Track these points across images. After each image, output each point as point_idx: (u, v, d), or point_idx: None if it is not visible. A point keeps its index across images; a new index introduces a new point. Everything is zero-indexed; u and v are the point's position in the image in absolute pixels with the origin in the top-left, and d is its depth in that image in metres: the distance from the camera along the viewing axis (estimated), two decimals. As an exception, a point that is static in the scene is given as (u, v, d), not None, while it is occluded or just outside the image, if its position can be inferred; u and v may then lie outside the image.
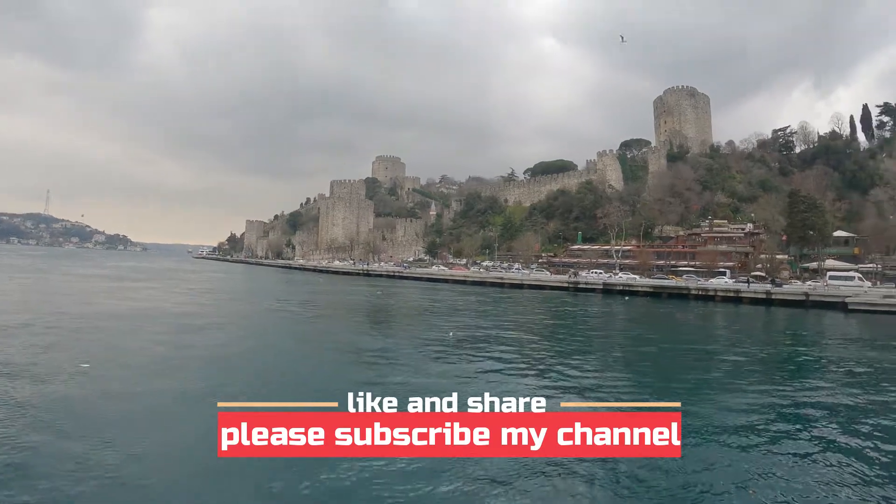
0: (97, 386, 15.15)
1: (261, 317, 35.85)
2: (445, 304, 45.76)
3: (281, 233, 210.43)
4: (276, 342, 24.63)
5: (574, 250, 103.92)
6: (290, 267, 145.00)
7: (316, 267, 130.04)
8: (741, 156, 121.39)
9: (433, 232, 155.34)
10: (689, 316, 42.90)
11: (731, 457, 11.37)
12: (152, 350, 20.43)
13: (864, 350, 26.32)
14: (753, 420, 13.81)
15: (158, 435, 11.73)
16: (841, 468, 10.77)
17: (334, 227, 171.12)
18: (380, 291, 60.09)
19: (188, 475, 9.80)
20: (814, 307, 47.08)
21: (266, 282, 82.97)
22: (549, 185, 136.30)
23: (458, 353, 21.41)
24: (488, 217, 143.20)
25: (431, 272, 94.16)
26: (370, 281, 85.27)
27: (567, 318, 40.06)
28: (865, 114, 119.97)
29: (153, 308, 35.39)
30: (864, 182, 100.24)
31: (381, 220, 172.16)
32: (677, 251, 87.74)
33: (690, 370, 20.68)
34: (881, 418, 14.19)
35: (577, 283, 67.28)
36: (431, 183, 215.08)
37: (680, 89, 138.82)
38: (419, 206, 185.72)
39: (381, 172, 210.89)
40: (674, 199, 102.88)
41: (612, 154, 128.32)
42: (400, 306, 45.60)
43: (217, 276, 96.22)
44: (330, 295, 57.24)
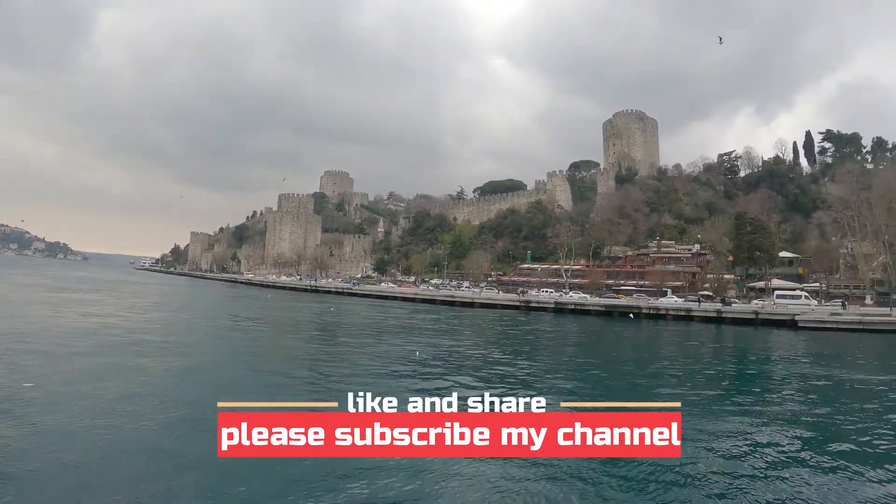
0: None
1: (217, 336, 32.90)
2: (400, 323, 44.04)
3: (226, 246, 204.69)
4: (236, 365, 22.04)
5: (523, 269, 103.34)
6: (235, 281, 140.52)
7: (263, 282, 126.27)
8: (688, 179, 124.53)
9: (381, 249, 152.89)
10: (643, 334, 42.99)
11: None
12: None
13: (820, 365, 27.20)
14: (745, 427, 14.21)
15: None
16: (826, 471, 11.13)
17: (281, 242, 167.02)
18: (332, 308, 57.94)
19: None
20: (763, 325, 47.35)
21: (213, 296, 79.97)
22: (499, 204, 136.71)
23: (427, 372, 20.85)
24: (437, 235, 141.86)
25: (381, 289, 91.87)
26: (319, 297, 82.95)
27: (526, 336, 39.16)
28: (808, 140, 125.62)
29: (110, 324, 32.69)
30: (806, 205, 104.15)
31: (329, 235, 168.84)
32: (626, 271, 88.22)
33: (669, 386, 20.42)
34: (858, 424, 14.97)
35: (528, 302, 66.04)
36: (380, 199, 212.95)
37: (629, 113, 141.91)
38: (367, 223, 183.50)
39: (329, 187, 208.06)
40: (622, 220, 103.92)
41: (562, 175, 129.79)
42: (355, 324, 43.18)
43: (163, 289, 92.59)
44: (282, 312, 54.61)
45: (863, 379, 22.78)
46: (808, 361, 28.43)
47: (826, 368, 25.43)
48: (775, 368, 26.59)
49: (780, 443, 13.03)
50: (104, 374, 17.47)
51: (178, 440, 11.63)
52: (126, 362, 19.81)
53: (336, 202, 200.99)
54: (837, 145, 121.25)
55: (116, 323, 33.58)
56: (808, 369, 25.43)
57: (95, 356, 20.82)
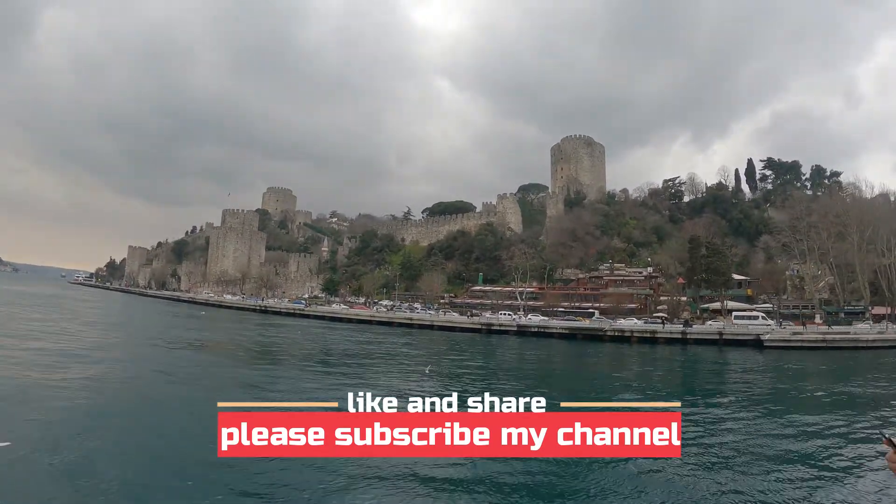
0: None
1: (177, 359, 30.15)
2: (374, 346, 42.94)
3: (165, 262, 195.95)
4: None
5: (476, 291, 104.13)
6: (177, 299, 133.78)
7: (207, 300, 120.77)
8: (634, 203, 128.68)
9: (328, 268, 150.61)
10: (619, 355, 43.68)
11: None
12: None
13: (808, 379, 29.57)
14: (744, 431, 15.35)
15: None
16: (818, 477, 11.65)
17: (224, 259, 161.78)
18: (299, 332, 55.62)
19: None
20: (726, 345, 48.77)
21: (158, 315, 75.83)
22: (448, 226, 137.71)
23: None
24: (384, 255, 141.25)
25: (333, 311, 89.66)
26: (269, 319, 79.95)
27: (500, 358, 39.71)
28: (750, 167, 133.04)
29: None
30: (749, 229, 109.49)
31: (273, 253, 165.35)
32: (581, 293, 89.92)
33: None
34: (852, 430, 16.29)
35: (490, 325, 65.73)
36: (322, 218, 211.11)
37: (577, 138, 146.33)
38: (311, 241, 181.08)
39: (271, 204, 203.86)
40: (575, 242, 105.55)
41: (513, 197, 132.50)
42: (336, 350, 39.91)
43: (101, 304, 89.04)
44: (242, 333, 51.71)
45: (848, 391, 24.49)
46: (793, 377, 30.00)
47: (818, 382, 26.94)
48: (761, 382, 27.87)
49: (779, 445, 13.60)
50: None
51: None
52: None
53: (279, 219, 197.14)
54: (778, 172, 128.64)
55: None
56: (799, 383, 26.89)
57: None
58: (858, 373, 33.40)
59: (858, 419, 18.20)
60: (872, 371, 33.44)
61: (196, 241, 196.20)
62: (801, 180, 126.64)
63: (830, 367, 36.05)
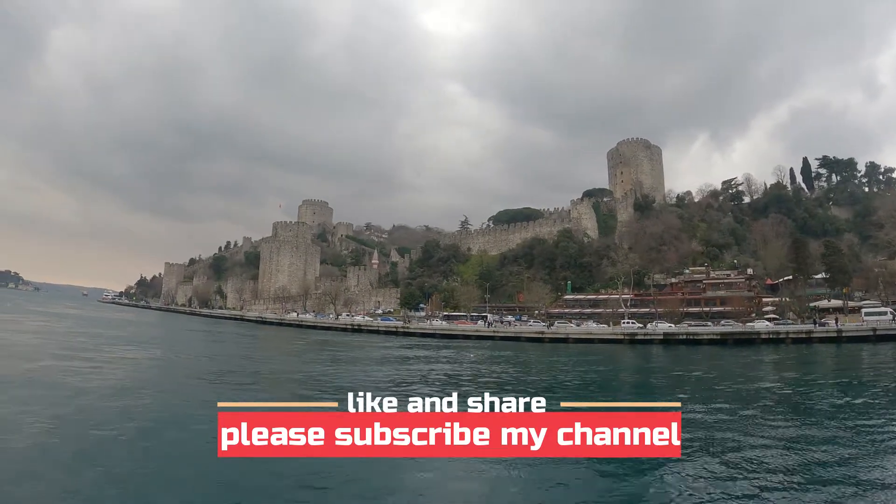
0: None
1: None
2: (569, 370, 39.69)
3: (206, 279, 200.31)
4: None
5: (569, 300, 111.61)
6: (242, 318, 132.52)
7: (282, 320, 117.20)
8: (701, 205, 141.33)
9: (389, 281, 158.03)
10: (797, 357, 47.83)
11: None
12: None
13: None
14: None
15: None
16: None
17: (279, 274, 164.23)
18: (531, 356, 49.75)
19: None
20: (879, 341, 58.83)
21: (258, 344, 66.35)
22: (520, 233, 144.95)
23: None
24: (451, 266, 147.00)
25: (449, 328, 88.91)
26: (417, 341, 72.78)
27: (708, 371, 39.49)
28: (806, 166, 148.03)
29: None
30: (815, 228, 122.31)
31: (325, 267, 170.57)
32: (702, 298, 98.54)
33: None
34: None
35: (634, 335, 70.49)
36: (359, 230, 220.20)
37: (635, 141, 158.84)
38: (354, 254, 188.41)
39: (308, 217, 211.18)
40: (664, 247, 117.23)
41: (588, 202, 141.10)
42: (572, 383, 33.04)
43: (168, 328, 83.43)
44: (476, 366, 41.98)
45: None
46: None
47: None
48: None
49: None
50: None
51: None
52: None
53: (317, 232, 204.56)
54: (833, 170, 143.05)
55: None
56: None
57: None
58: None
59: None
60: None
61: (234, 257, 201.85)
62: (857, 177, 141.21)
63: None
